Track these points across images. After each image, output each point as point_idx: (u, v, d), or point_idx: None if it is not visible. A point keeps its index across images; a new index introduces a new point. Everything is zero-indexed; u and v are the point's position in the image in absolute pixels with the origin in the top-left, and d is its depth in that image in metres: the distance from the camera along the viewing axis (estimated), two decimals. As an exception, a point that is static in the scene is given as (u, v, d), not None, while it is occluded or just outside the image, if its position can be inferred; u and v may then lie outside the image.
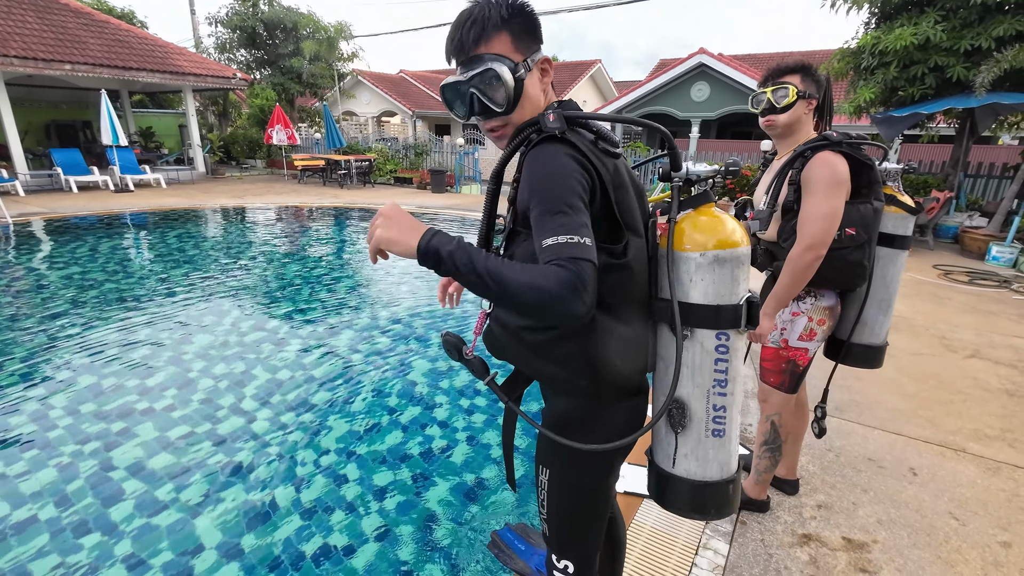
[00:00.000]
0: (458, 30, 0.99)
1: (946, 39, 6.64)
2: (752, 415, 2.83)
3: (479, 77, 0.97)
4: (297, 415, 2.96)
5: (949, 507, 2.19)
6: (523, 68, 0.99)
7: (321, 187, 13.52)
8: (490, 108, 1.00)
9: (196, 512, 2.21)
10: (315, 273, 6.01)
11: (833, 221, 1.60)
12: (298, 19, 16.70)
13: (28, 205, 9.34)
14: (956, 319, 4.62)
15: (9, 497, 2.27)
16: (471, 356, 1.06)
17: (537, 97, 1.03)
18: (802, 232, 1.64)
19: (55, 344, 3.82)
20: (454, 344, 1.07)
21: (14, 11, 11.24)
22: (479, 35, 0.97)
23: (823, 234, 1.60)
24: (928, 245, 7.71)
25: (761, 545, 1.96)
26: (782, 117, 1.76)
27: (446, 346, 1.09)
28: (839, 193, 1.61)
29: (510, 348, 1.07)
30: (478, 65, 0.97)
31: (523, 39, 1.00)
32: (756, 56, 19.41)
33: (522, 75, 0.98)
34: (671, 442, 1.05)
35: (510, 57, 0.98)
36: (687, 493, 1.04)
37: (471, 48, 0.98)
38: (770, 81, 1.78)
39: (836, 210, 1.60)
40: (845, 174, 1.62)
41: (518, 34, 0.99)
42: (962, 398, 3.15)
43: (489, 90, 0.98)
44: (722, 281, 0.95)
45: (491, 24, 0.97)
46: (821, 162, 1.62)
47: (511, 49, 0.99)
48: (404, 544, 2.05)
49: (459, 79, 1.00)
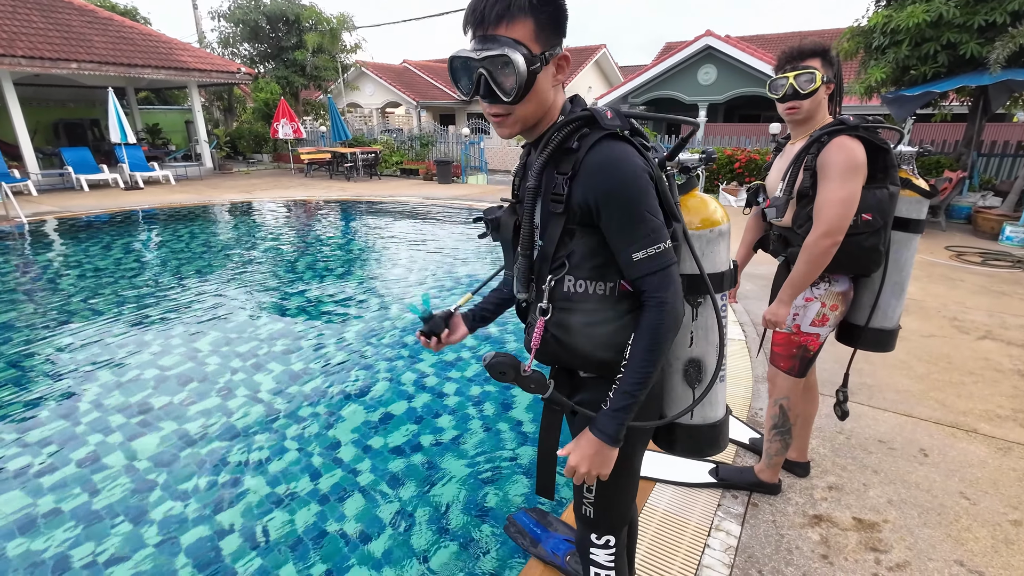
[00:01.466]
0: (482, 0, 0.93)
1: (959, 15, 6.50)
2: (760, 399, 2.85)
3: (492, 60, 0.91)
4: (312, 405, 3.03)
5: (959, 487, 2.21)
6: (540, 61, 0.93)
7: (328, 180, 13.57)
8: (495, 94, 0.94)
9: (219, 500, 2.28)
10: (325, 265, 6.07)
11: (850, 207, 1.59)
12: (300, 11, 16.63)
13: (41, 204, 9.47)
14: (968, 300, 4.59)
15: (35, 487, 2.36)
16: (530, 371, 1.04)
17: (546, 93, 0.98)
18: (818, 218, 1.63)
19: (72, 340, 3.90)
20: (510, 364, 1.03)
21: (19, 11, 11.30)
22: (502, 14, 0.91)
23: (840, 220, 1.60)
24: (940, 226, 7.62)
25: (773, 526, 2.00)
26: (806, 103, 1.71)
27: (498, 368, 1.03)
28: (856, 178, 1.60)
29: (572, 348, 1.05)
30: (494, 46, 0.91)
31: (546, 30, 0.94)
32: (764, 37, 19.08)
33: (537, 68, 0.93)
34: (688, 399, 1.16)
35: (529, 46, 0.92)
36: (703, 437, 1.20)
37: (491, 25, 0.92)
38: (789, 65, 1.72)
39: (853, 195, 1.59)
40: (862, 159, 1.61)
41: (543, 24, 0.93)
42: (973, 379, 3.15)
43: (499, 75, 0.92)
44: (723, 252, 1.11)
45: (516, 6, 0.91)
46: (838, 147, 1.61)
47: (531, 38, 0.93)
48: (420, 531, 2.11)
49: (471, 55, 0.93)
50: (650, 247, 0.93)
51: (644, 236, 0.93)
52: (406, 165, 15.07)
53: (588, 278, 1.00)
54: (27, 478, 2.42)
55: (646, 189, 0.93)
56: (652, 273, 0.94)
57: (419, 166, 14.74)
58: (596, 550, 1.23)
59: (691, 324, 1.11)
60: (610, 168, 0.92)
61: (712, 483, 2.18)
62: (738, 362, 3.30)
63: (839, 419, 2.10)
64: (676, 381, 1.16)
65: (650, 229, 0.93)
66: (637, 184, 0.92)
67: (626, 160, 0.93)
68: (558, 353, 1.07)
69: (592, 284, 1.01)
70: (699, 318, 1.11)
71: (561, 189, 0.97)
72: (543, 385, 1.06)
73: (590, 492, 1.17)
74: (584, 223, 0.98)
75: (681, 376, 1.14)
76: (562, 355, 1.07)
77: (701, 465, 2.28)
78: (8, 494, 2.32)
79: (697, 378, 1.13)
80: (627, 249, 0.94)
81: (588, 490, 1.17)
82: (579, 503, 1.21)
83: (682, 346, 1.14)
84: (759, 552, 1.87)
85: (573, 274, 1.01)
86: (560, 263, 1.01)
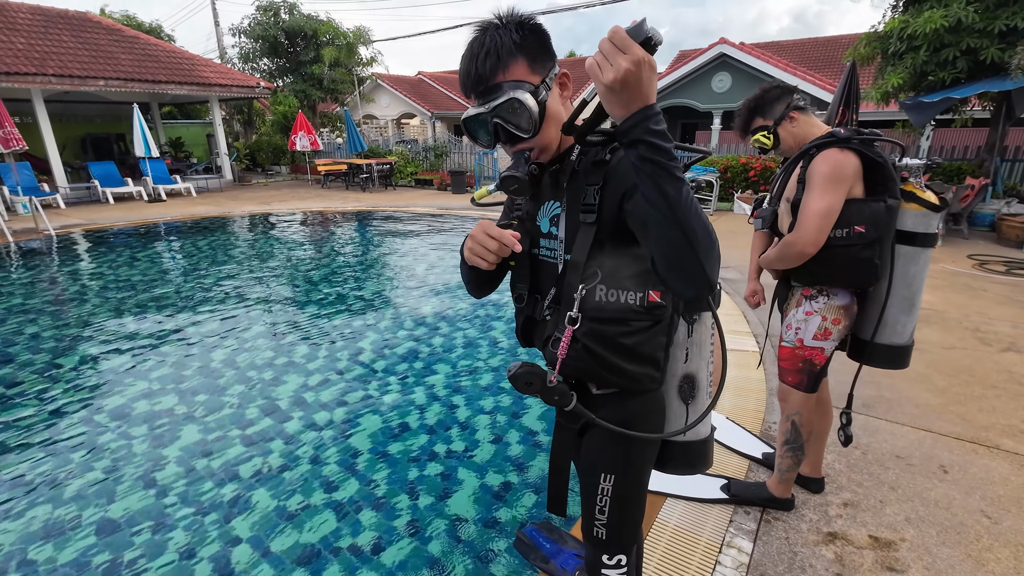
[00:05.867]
0: (472, 63, 0.97)
1: (979, 20, 6.40)
2: (773, 412, 2.82)
3: (502, 107, 0.96)
4: (329, 413, 3.07)
5: (981, 505, 2.16)
6: (544, 89, 0.98)
7: (344, 191, 13.77)
8: (516, 135, 0.99)
9: (232, 508, 2.32)
10: (342, 276, 6.15)
11: (827, 218, 1.63)
12: (318, 26, 17.00)
13: (69, 217, 9.77)
14: (991, 311, 4.48)
15: (57, 497, 2.42)
16: (555, 383, 1.04)
17: (559, 113, 1.02)
18: (796, 226, 1.69)
19: (97, 348, 4.01)
20: (537, 374, 1.02)
21: (51, 31, 11.76)
22: (495, 65, 0.96)
23: (817, 231, 1.64)
24: (963, 234, 7.46)
25: (786, 543, 1.97)
26: (782, 147, 1.89)
27: (523, 379, 1.02)
28: (837, 190, 1.62)
29: (601, 358, 1.02)
30: (498, 95, 0.96)
31: (538, 59, 0.98)
32: (780, 43, 18.97)
33: (544, 97, 0.97)
34: (683, 415, 1.17)
35: (529, 80, 0.97)
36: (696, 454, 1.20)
37: (489, 79, 0.97)
38: (744, 135, 1.93)
39: (831, 207, 1.62)
40: (847, 170, 1.63)
41: (533, 55, 0.98)
42: (996, 393, 3.07)
43: (513, 117, 0.97)
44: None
45: (505, 51, 0.95)
46: (823, 159, 1.65)
47: (528, 73, 0.97)
48: (430, 542, 2.12)
49: (480, 111, 0.98)
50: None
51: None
52: (421, 176, 15.23)
53: (620, 288, 1.00)
54: (51, 486, 2.49)
55: None
56: None
57: (433, 176, 14.89)
58: (608, 571, 1.22)
59: (686, 340, 1.13)
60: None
61: (724, 499, 2.16)
62: (750, 373, 3.26)
63: (842, 444, 2.03)
64: (672, 397, 1.17)
65: None
66: None
67: None
68: (586, 364, 1.03)
69: (624, 294, 1.00)
70: (694, 335, 1.13)
71: (592, 199, 0.99)
72: (567, 396, 1.06)
73: (603, 513, 1.16)
74: (616, 232, 0.99)
75: (676, 392, 1.16)
76: (590, 366, 1.03)
77: (712, 480, 2.26)
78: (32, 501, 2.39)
79: (691, 394, 1.15)
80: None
81: (601, 511, 1.16)
82: (590, 525, 1.20)
83: (678, 361, 1.15)
84: (771, 570, 1.84)
85: (605, 283, 1.00)
86: (592, 272, 1.01)
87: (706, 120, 15.11)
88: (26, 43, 10.99)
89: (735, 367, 3.36)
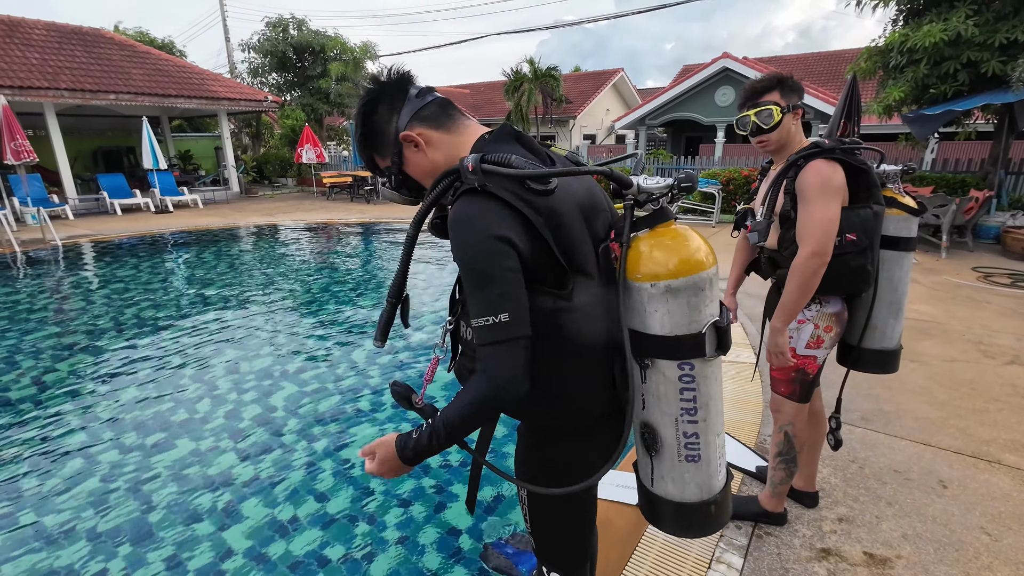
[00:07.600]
0: None
1: (979, 34, 6.41)
2: (770, 425, 2.77)
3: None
4: (324, 425, 3.06)
5: (980, 521, 2.10)
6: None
7: (349, 203, 13.87)
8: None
9: (227, 519, 2.30)
10: (341, 287, 6.17)
11: (831, 226, 1.61)
12: (325, 42, 17.29)
13: (76, 228, 9.89)
14: (995, 323, 4.41)
15: (54, 504, 2.42)
16: (422, 404, 1.00)
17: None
18: (803, 241, 1.64)
19: (99, 358, 4.03)
20: (402, 393, 1.01)
21: (64, 46, 12.02)
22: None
23: (825, 238, 1.61)
24: (967, 246, 7.39)
25: (777, 559, 1.92)
26: (773, 135, 1.77)
27: (395, 396, 1.02)
28: (834, 199, 1.61)
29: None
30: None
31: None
32: (783, 58, 19.08)
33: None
34: (648, 464, 1.04)
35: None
36: (667, 513, 1.04)
37: None
38: (749, 103, 1.79)
39: (833, 216, 1.61)
40: (838, 180, 1.63)
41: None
42: (998, 407, 3.01)
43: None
44: (679, 311, 0.89)
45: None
46: (814, 171, 1.63)
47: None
48: (413, 553, 2.09)
49: None
50: (486, 316, 0.85)
51: (481, 303, 0.86)
52: (425, 188, 15.32)
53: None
54: (46, 492, 2.49)
55: (487, 251, 0.85)
56: (483, 345, 0.87)
57: (437, 189, 14.96)
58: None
59: (641, 387, 0.97)
60: (455, 230, 0.88)
61: (715, 512, 2.12)
62: (747, 386, 3.22)
63: (832, 448, 2.03)
64: (638, 442, 1.05)
65: (488, 297, 0.85)
66: (475, 246, 0.86)
67: (470, 222, 0.87)
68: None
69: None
70: (648, 382, 0.95)
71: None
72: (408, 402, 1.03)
73: (527, 520, 1.17)
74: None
75: (640, 439, 1.03)
76: None
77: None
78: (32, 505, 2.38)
79: (653, 447, 1.00)
80: (471, 318, 0.88)
81: (526, 518, 1.17)
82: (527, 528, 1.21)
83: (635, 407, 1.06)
84: (762, 586, 1.80)
85: (465, 320, 1.03)
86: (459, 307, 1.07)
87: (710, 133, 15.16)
88: (40, 58, 11.22)
89: (731, 380, 3.32)
